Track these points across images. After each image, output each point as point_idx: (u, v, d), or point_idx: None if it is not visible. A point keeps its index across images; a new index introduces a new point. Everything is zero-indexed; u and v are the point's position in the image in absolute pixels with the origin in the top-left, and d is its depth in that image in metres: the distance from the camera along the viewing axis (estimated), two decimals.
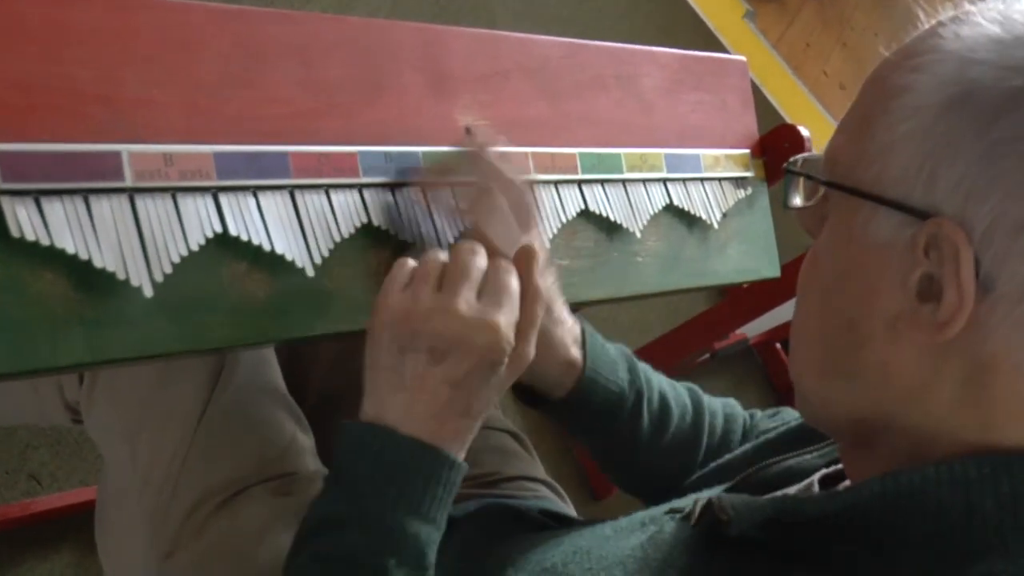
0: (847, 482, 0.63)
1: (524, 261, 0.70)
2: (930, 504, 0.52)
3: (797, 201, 0.63)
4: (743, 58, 1.10)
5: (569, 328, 0.80)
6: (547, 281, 0.74)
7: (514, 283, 0.68)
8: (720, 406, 0.92)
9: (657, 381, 0.87)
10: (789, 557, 0.57)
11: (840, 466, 0.67)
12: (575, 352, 0.80)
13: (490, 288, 0.67)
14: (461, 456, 0.67)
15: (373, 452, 0.65)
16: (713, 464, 0.84)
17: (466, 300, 0.65)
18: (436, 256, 0.68)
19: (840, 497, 0.56)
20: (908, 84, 0.53)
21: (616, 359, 0.83)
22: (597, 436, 0.86)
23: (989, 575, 0.50)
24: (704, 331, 1.76)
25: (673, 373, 0.91)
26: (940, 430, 0.53)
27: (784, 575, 0.56)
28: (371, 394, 0.67)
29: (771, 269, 1.07)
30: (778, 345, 2.37)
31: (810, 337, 0.60)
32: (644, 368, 0.86)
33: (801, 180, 0.62)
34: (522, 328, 0.68)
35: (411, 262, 0.68)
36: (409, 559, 0.63)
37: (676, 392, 0.88)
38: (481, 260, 0.68)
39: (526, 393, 0.83)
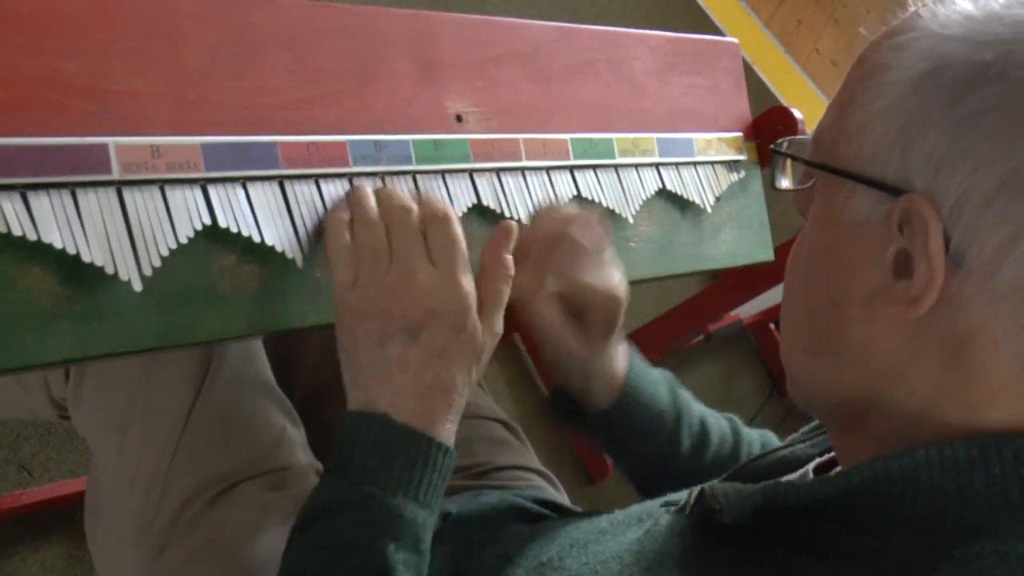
0: (839, 469, 0.62)
1: (498, 236, 0.71)
2: (922, 487, 0.52)
3: (784, 183, 0.64)
4: (735, 40, 1.09)
5: (615, 343, 0.82)
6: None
7: (454, 232, 0.68)
8: (758, 436, 0.93)
9: (698, 408, 0.89)
10: (782, 543, 0.57)
11: (835, 454, 0.67)
12: (620, 367, 0.82)
13: (438, 247, 0.67)
14: (451, 442, 0.68)
15: (369, 439, 0.65)
16: None
17: (423, 270, 0.66)
18: (373, 232, 0.67)
19: (831, 482, 0.55)
20: (887, 63, 0.53)
21: (658, 381, 0.85)
22: (635, 453, 0.87)
23: (980, 556, 0.50)
24: (697, 313, 1.76)
25: (668, 355, 0.91)
26: (925, 411, 0.53)
27: (777, 561, 0.56)
28: (356, 386, 0.68)
29: (765, 252, 1.07)
30: (772, 325, 2.36)
31: (796, 317, 0.60)
32: (685, 395, 0.89)
33: (787, 162, 0.63)
34: (486, 305, 0.70)
35: (346, 240, 0.67)
36: (408, 543, 0.64)
37: (716, 420, 0.90)
38: (415, 217, 0.67)
39: (564, 406, 0.85)
